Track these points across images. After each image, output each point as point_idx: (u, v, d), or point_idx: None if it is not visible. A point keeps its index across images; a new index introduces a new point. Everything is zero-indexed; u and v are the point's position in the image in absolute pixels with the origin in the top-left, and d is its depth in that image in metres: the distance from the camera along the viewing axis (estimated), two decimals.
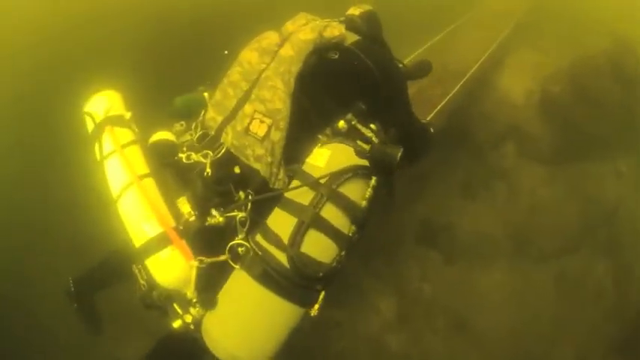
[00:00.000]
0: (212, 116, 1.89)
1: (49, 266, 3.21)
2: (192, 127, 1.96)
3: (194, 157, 1.76)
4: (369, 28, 2.07)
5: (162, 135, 1.88)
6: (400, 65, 2.11)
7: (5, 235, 3.45)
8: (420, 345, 3.56)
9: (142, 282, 1.56)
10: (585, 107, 4.52)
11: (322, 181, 1.54)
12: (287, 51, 1.80)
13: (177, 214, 1.64)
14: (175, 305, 1.52)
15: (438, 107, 3.70)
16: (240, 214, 1.61)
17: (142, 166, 1.71)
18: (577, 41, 5.45)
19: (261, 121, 1.71)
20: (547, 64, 5.29)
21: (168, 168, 1.77)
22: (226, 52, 2.09)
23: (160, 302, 1.51)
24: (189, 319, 1.50)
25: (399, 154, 1.50)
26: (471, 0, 6.45)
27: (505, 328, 3.60)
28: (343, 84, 1.83)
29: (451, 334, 3.61)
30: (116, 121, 1.81)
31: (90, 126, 1.84)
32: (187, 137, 1.93)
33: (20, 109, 4.32)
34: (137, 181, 1.61)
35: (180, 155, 1.78)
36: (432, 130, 2.23)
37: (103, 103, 1.86)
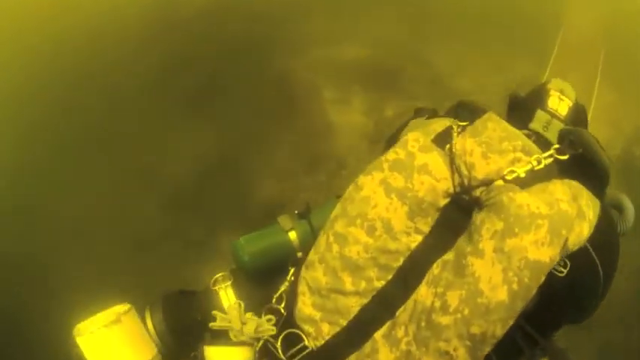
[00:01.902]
0: (309, 314, 1.14)
1: None
2: (273, 300, 1.24)
3: None
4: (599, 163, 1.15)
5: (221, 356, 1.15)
6: None
7: None
8: None
9: None
10: None
11: None
12: (492, 282, 0.96)
13: None
14: None
15: None
16: None
17: None
18: None
19: None
20: (623, 106, 5.05)
21: None
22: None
23: None
24: None
25: None
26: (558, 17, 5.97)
27: None
28: (550, 312, 1.13)
29: None
30: None
31: None
32: (265, 326, 1.21)
33: None
34: None
35: None
36: None
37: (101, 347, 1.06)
